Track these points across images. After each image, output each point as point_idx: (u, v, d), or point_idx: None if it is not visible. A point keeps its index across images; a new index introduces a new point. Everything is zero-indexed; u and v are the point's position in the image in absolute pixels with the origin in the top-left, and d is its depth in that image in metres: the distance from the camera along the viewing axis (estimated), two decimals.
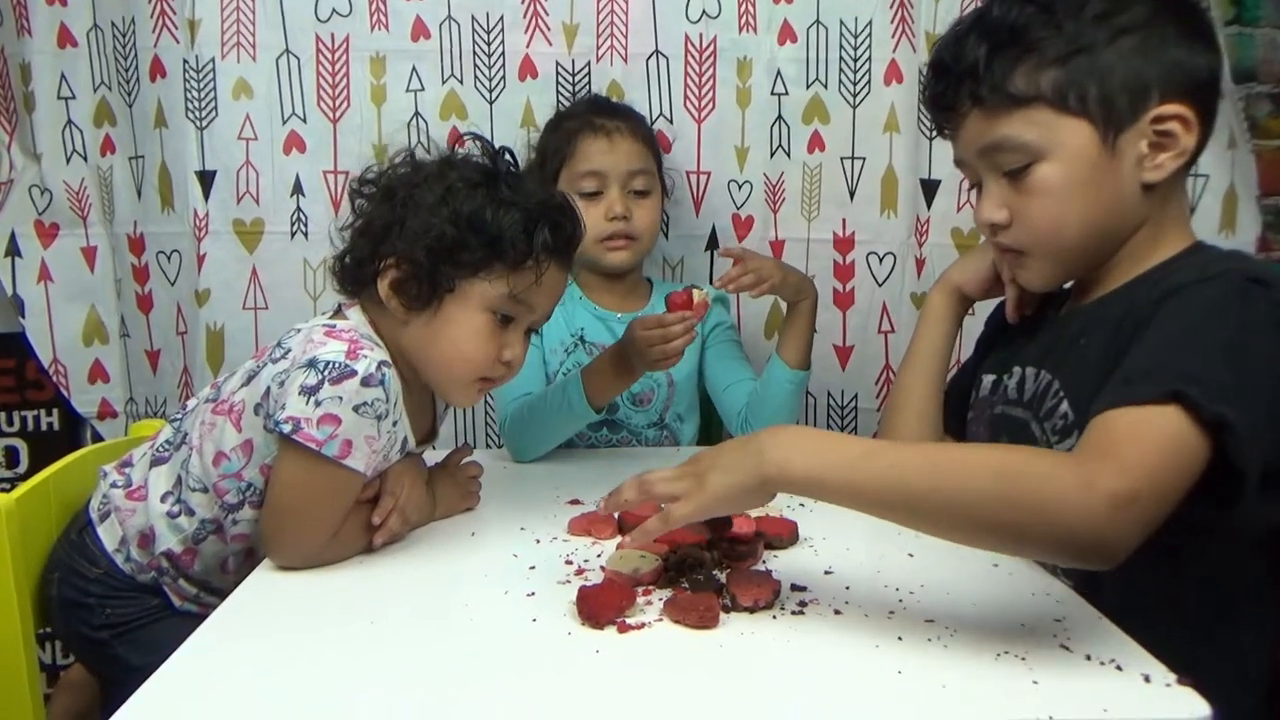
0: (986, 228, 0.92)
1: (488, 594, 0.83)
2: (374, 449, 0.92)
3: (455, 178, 0.95)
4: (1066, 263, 0.90)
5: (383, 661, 0.70)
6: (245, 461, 0.95)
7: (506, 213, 0.93)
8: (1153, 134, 0.83)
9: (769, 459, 0.73)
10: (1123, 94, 0.82)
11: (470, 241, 0.93)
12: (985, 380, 1.02)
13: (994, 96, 0.85)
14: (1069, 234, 0.87)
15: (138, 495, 1.01)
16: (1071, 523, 0.65)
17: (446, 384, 0.99)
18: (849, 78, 1.49)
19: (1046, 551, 0.71)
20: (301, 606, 0.82)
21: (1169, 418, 0.68)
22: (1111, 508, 0.65)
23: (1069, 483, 0.66)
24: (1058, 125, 0.84)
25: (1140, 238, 0.87)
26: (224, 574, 1.01)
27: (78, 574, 1.01)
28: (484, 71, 1.49)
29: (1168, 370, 0.70)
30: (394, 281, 0.94)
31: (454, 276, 0.93)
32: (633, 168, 1.36)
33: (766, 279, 1.28)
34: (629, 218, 1.35)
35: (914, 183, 1.51)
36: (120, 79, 1.54)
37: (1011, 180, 0.87)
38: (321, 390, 0.88)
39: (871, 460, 0.72)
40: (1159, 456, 0.67)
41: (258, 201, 1.51)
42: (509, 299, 0.95)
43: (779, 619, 0.77)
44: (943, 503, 0.69)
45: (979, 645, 0.71)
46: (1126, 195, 0.85)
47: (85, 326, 1.62)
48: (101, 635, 1.00)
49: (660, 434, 1.41)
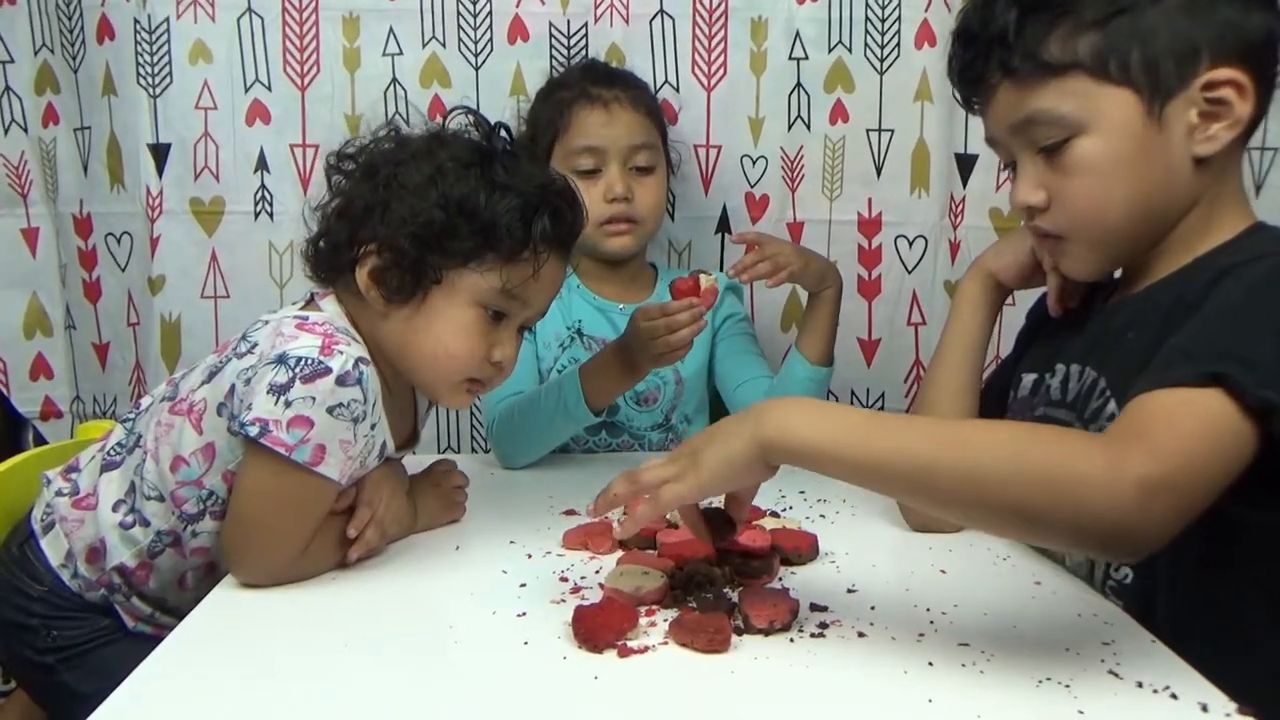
0: (1023, 211, 0.92)
1: (474, 614, 0.83)
2: (349, 455, 0.92)
3: (445, 156, 0.95)
4: (1111, 248, 0.90)
5: (357, 690, 0.71)
6: (206, 467, 0.95)
7: (502, 197, 0.93)
8: (1203, 102, 0.83)
9: (767, 422, 0.75)
10: (1169, 58, 0.82)
11: (461, 229, 0.93)
12: (1025, 380, 1.02)
13: (1026, 65, 0.85)
14: (1113, 215, 0.87)
15: (86, 504, 1.01)
16: (1096, 507, 0.65)
17: (431, 385, 1.00)
18: (876, 40, 1.49)
19: (1067, 538, 0.71)
20: (266, 628, 0.83)
21: (1210, 401, 0.68)
22: (1142, 493, 0.65)
23: (1096, 463, 0.66)
24: (1097, 95, 0.84)
25: (1193, 219, 0.87)
26: (181, 591, 1.01)
27: (19, 592, 1.02)
28: (469, 33, 1.50)
29: (1210, 351, 0.71)
30: (374, 270, 0.94)
31: (441, 267, 0.94)
32: (634, 142, 1.36)
33: (785, 266, 1.28)
34: (630, 199, 1.35)
35: (948, 158, 1.51)
36: (64, 41, 1.54)
37: (1048, 158, 0.87)
38: (292, 389, 0.88)
39: (880, 427, 0.73)
40: (1197, 441, 0.67)
41: (217, 178, 1.51)
42: (502, 294, 0.95)
43: (797, 642, 0.77)
44: (955, 476, 0.69)
45: (1018, 671, 0.71)
46: (1176, 171, 0.85)
47: (26, 317, 1.62)
48: (46, 660, 1.01)
49: (665, 437, 1.42)
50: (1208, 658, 0.71)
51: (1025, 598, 0.83)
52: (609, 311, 1.40)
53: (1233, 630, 0.81)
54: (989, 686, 0.70)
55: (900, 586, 0.86)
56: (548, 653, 0.76)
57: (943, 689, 0.69)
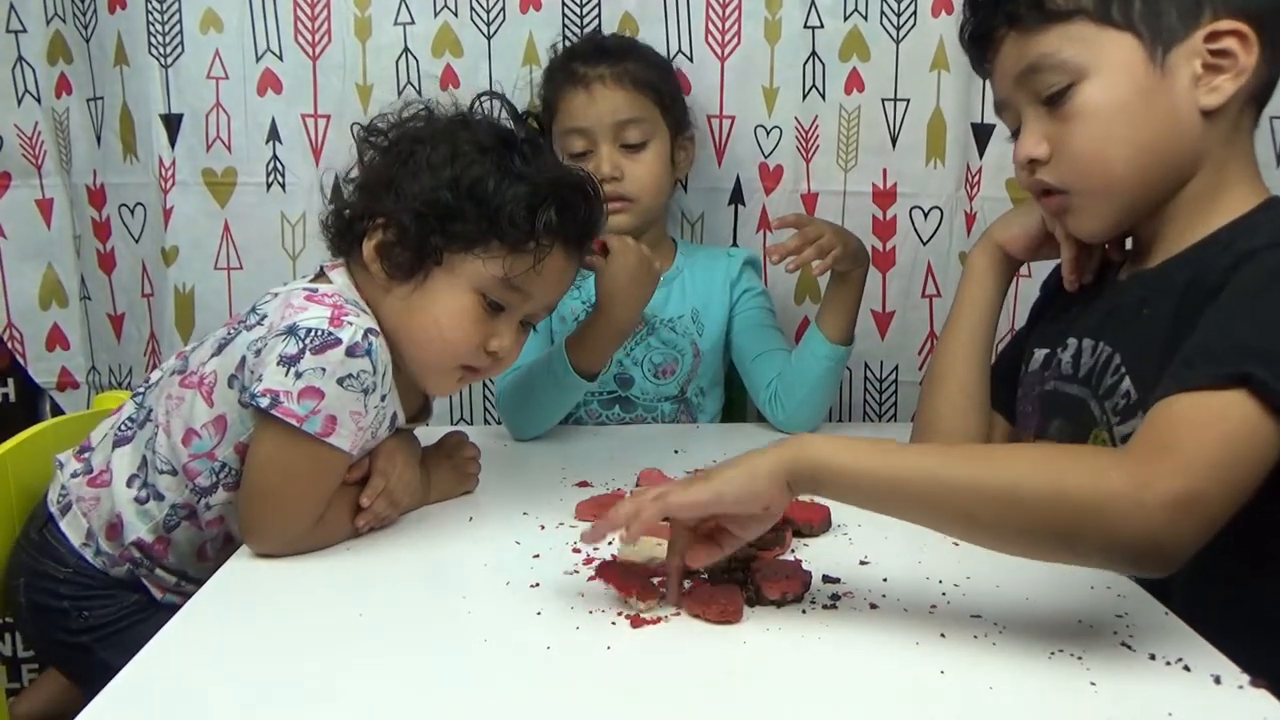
0: (1026, 168, 0.91)
1: (488, 585, 0.84)
2: (360, 426, 0.92)
3: (465, 139, 0.95)
4: (1118, 199, 0.89)
5: (371, 659, 0.71)
6: (218, 439, 0.96)
7: (511, 185, 0.93)
8: (1207, 54, 0.83)
9: (790, 445, 0.74)
10: (1171, 6, 0.83)
11: (467, 212, 0.93)
12: (1037, 354, 1.01)
13: (1031, 14, 0.86)
14: (1116, 163, 0.86)
15: (100, 481, 1.01)
16: (1126, 528, 0.65)
17: (422, 367, 0.99)
18: (892, 8, 1.47)
19: (1098, 559, 0.71)
20: (281, 599, 0.84)
21: (1235, 404, 0.68)
22: (1171, 511, 0.65)
23: (1123, 483, 0.65)
24: (1100, 39, 0.84)
25: (1201, 183, 0.86)
26: (201, 562, 1.02)
27: (45, 576, 1.02)
28: (481, 2, 1.48)
29: (1232, 349, 0.70)
30: (380, 244, 0.95)
31: (444, 248, 0.94)
32: (619, 118, 1.34)
33: (829, 249, 1.24)
34: (620, 177, 1.33)
35: (964, 128, 1.49)
36: (76, 10, 1.53)
37: (1051, 109, 0.87)
38: (303, 360, 0.88)
39: (906, 452, 0.73)
40: (1224, 450, 0.67)
41: (229, 149, 1.51)
42: (502, 283, 0.95)
43: (809, 614, 0.77)
44: (982, 498, 0.69)
45: (1031, 643, 0.71)
46: (1181, 121, 0.84)
47: (42, 288, 1.63)
48: (82, 640, 1.01)
49: (677, 409, 1.42)
50: (1223, 633, 0.71)
51: (1037, 570, 0.83)
52: None
53: (1249, 609, 0.80)
54: (1001, 658, 0.70)
55: (912, 559, 0.87)
56: (561, 623, 0.76)
57: (955, 660, 0.69)
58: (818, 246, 1.24)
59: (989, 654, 0.70)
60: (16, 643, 1.63)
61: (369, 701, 0.65)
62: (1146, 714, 0.63)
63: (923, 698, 0.65)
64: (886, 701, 0.65)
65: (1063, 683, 0.66)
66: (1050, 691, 0.66)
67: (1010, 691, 0.65)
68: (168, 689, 0.68)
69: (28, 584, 1.03)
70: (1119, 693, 0.65)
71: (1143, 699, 0.64)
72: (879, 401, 1.59)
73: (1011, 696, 0.65)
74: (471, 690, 0.67)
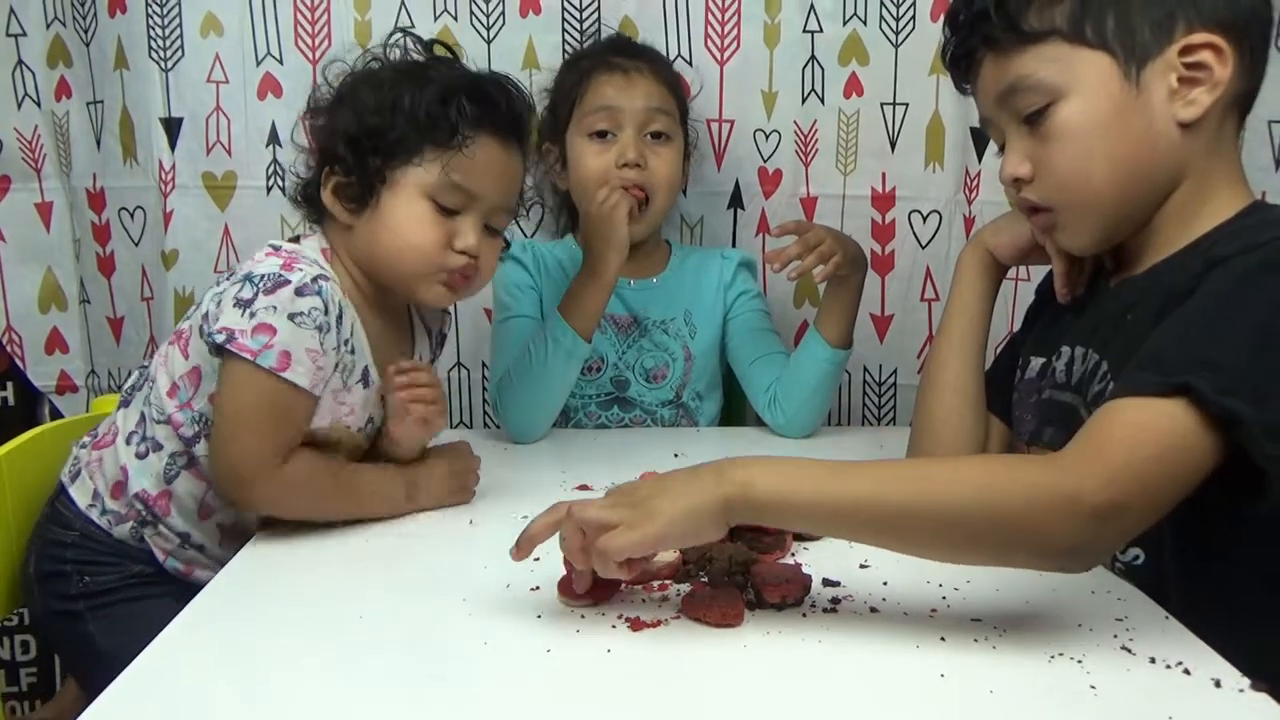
0: (1012, 186, 0.92)
1: (488, 588, 0.84)
2: (318, 364, 0.95)
3: (383, 71, 1.02)
4: (1100, 216, 0.89)
5: (372, 660, 0.71)
6: (194, 390, 1.00)
7: (425, 89, 0.99)
8: (1182, 67, 0.83)
9: (729, 478, 0.73)
10: (1144, 22, 0.83)
11: (395, 124, 0.98)
12: (1034, 363, 1.01)
13: (1006, 36, 0.87)
14: (1096, 180, 0.86)
15: (105, 442, 1.05)
16: (1057, 538, 0.69)
17: (404, 282, 1.04)
18: (891, 13, 1.48)
19: (1027, 562, 0.74)
20: (282, 600, 0.84)
21: (1172, 414, 0.69)
22: (1097, 521, 0.68)
23: (1055, 496, 0.69)
24: (1074, 59, 0.84)
25: (1185, 193, 0.87)
26: (203, 521, 1.04)
27: (52, 543, 1.05)
28: (480, 6, 1.48)
29: (1181, 357, 0.71)
30: (335, 187, 1.01)
31: (384, 167, 0.99)
32: (651, 105, 1.33)
33: (830, 255, 1.24)
34: (644, 165, 1.32)
35: (963, 132, 1.50)
36: (76, 14, 1.53)
37: (1032, 128, 0.88)
38: (256, 301, 0.93)
39: (844, 476, 0.73)
40: (1155, 463, 0.69)
41: (229, 152, 1.51)
42: (446, 185, 1.00)
43: (809, 617, 0.77)
44: (922, 518, 0.71)
45: (1031, 647, 0.72)
46: (1160, 135, 0.84)
47: (41, 291, 1.63)
48: (75, 607, 1.03)
49: (676, 413, 1.42)
50: (1221, 635, 0.71)
51: (1037, 574, 0.83)
52: (619, 287, 1.38)
53: (1244, 611, 0.81)
54: (1001, 661, 0.70)
55: (912, 563, 0.86)
56: (561, 626, 0.76)
57: (955, 664, 0.69)
58: (818, 253, 1.24)
59: (989, 657, 0.70)
60: (16, 647, 1.62)
61: (369, 703, 0.65)
62: (1147, 717, 0.63)
63: (923, 701, 0.65)
64: (887, 705, 0.65)
65: (1063, 686, 0.66)
66: (1050, 695, 0.66)
67: (1010, 695, 0.65)
68: (168, 689, 0.68)
69: (38, 553, 1.05)
70: (1119, 696, 0.65)
71: (1143, 702, 0.64)
72: (878, 405, 1.59)
73: (1012, 700, 0.65)
74: (472, 692, 0.67)
